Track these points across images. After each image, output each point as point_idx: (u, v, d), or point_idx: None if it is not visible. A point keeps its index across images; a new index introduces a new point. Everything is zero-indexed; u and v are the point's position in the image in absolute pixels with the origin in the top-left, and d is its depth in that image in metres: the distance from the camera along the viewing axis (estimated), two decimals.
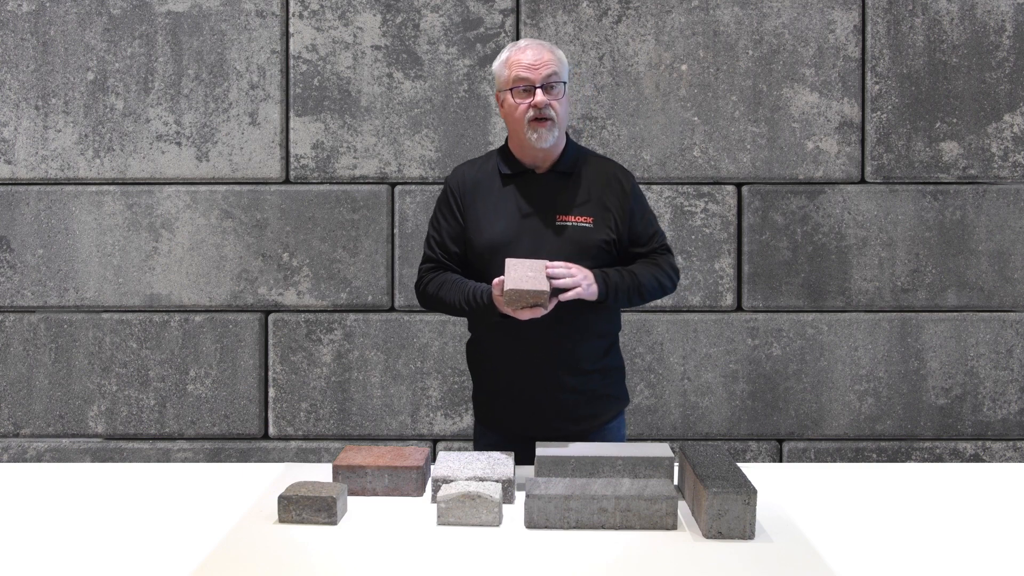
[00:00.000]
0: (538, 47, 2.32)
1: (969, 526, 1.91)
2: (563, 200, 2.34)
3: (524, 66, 2.29)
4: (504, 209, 2.34)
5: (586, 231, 2.32)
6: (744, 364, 3.41)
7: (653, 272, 2.37)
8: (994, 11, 3.36)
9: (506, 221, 2.33)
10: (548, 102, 2.27)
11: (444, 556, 1.72)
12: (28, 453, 3.45)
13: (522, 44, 2.34)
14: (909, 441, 3.43)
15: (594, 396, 2.38)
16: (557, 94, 2.29)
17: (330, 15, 3.39)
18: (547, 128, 2.28)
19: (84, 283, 3.42)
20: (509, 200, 2.35)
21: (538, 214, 2.33)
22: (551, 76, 2.28)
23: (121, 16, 3.39)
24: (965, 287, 3.40)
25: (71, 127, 3.40)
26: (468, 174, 2.42)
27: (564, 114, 2.32)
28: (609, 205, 2.35)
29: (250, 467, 2.34)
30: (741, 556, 1.72)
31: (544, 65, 2.29)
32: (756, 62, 3.38)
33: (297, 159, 3.40)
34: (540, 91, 2.27)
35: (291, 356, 3.42)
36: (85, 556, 1.74)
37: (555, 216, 2.33)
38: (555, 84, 2.29)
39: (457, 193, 2.39)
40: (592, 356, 2.37)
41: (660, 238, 2.43)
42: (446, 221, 2.40)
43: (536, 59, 2.29)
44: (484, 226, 2.34)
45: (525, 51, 2.31)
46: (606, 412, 2.41)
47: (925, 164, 3.39)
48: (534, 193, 2.35)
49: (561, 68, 2.32)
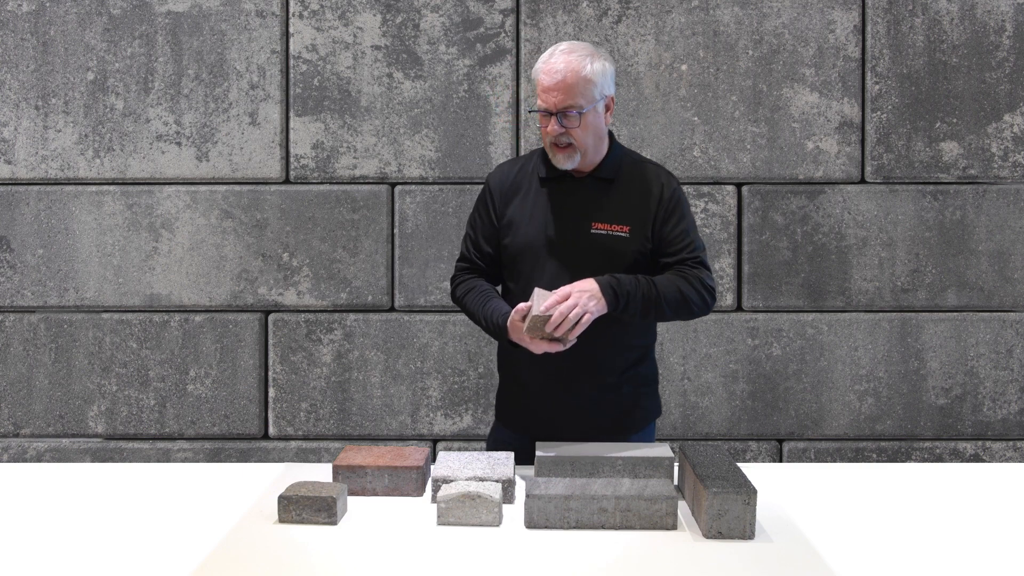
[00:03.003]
0: (563, 67, 2.17)
1: (969, 526, 1.91)
2: (600, 207, 2.26)
3: (544, 87, 2.19)
4: (539, 213, 2.28)
5: (621, 240, 2.24)
6: (744, 364, 3.41)
7: (678, 284, 2.21)
8: (994, 11, 3.36)
9: (539, 225, 2.27)
10: (562, 131, 2.18)
11: (444, 556, 1.72)
12: (28, 453, 3.45)
13: (552, 57, 2.20)
14: (909, 441, 3.43)
15: (624, 406, 2.33)
16: (573, 123, 2.18)
17: (330, 15, 3.39)
18: (565, 154, 2.21)
19: (84, 283, 3.42)
20: (545, 204, 2.28)
21: (573, 220, 2.26)
22: (568, 105, 2.16)
23: (121, 16, 3.39)
24: (965, 287, 3.40)
25: (71, 127, 3.40)
26: (509, 173, 2.36)
27: (592, 134, 2.22)
28: (645, 213, 2.26)
29: (250, 467, 2.35)
30: (741, 556, 1.72)
31: (562, 92, 2.16)
32: (756, 62, 3.38)
33: (297, 159, 3.41)
34: (555, 120, 2.18)
35: (291, 356, 3.42)
36: (85, 556, 1.74)
37: (590, 223, 2.25)
38: (570, 113, 2.17)
39: (496, 192, 2.34)
40: (622, 366, 2.31)
41: (693, 250, 2.26)
42: (481, 220, 2.36)
43: (554, 83, 2.17)
44: (517, 228, 2.29)
45: (549, 71, 2.18)
46: (636, 423, 2.35)
47: (925, 164, 3.39)
48: (571, 198, 2.27)
49: (587, 90, 2.17)
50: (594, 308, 2.09)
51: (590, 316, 2.08)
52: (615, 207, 2.26)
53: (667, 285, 2.20)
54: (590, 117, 2.20)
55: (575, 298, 2.08)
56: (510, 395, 2.40)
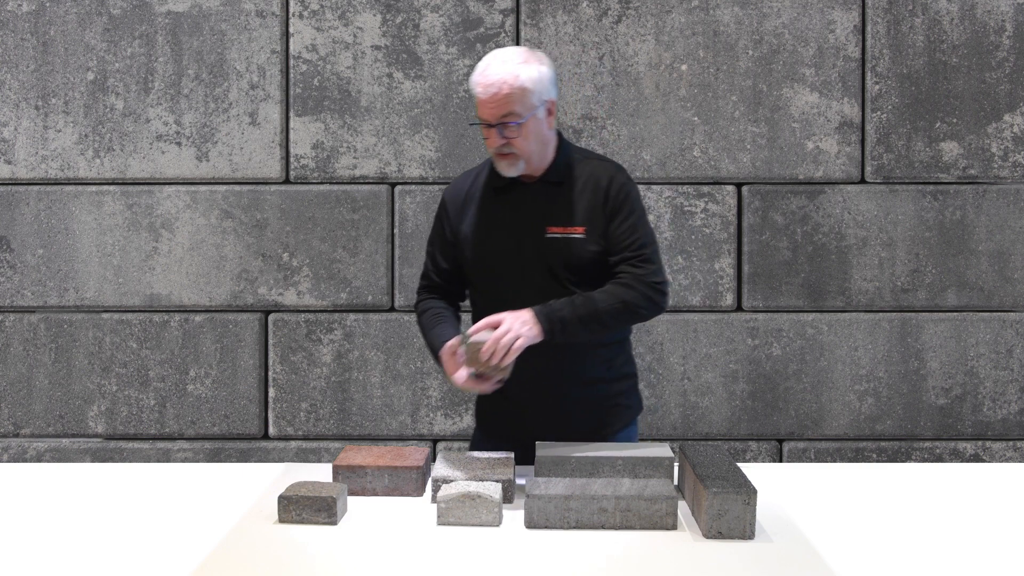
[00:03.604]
0: (497, 78, 2.13)
1: (969, 526, 1.91)
2: (553, 211, 2.23)
3: (481, 101, 2.15)
4: (493, 223, 2.27)
5: (578, 242, 2.21)
6: (744, 364, 3.41)
7: (618, 294, 2.15)
8: (994, 11, 3.36)
9: (495, 236, 2.26)
10: (503, 142, 2.15)
11: (444, 556, 1.72)
12: (28, 453, 3.45)
13: (486, 68, 2.16)
14: (909, 441, 3.43)
15: (602, 405, 2.31)
16: (513, 133, 2.14)
17: (330, 15, 3.39)
18: (508, 162, 2.18)
19: (84, 283, 3.42)
20: (498, 214, 2.27)
21: (527, 227, 2.23)
22: (506, 116, 2.13)
23: (121, 16, 3.39)
24: (965, 287, 3.40)
25: (71, 127, 3.40)
26: (462, 187, 2.34)
27: (535, 141, 2.19)
28: (596, 211, 2.22)
29: (250, 467, 2.35)
30: (741, 556, 1.72)
31: (498, 104, 2.13)
32: (756, 62, 3.38)
33: (297, 159, 3.41)
34: (495, 131, 2.15)
35: (291, 356, 3.42)
36: (85, 556, 1.74)
37: (545, 228, 2.22)
38: (510, 123, 2.13)
39: (450, 207, 2.34)
40: (597, 366, 2.29)
41: (639, 247, 2.20)
42: (438, 236, 2.36)
43: (490, 96, 2.13)
44: (473, 241, 2.28)
45: (483, 82, 2.14)
46: (616, 421, 2.34)
47: (925, 164, 3.39)
48: (523, 205, 2.25)
49: (525, 98, 2.14)
50: (527, 333, 2.04)
51: (524, 341, 2.03)
52: (568, 209, 2.23)
53: (606, 299, 2.14)
54: (530, 125, 2.16)
55: (507, 324, 2.04)
56: (488, 402, 2.37)
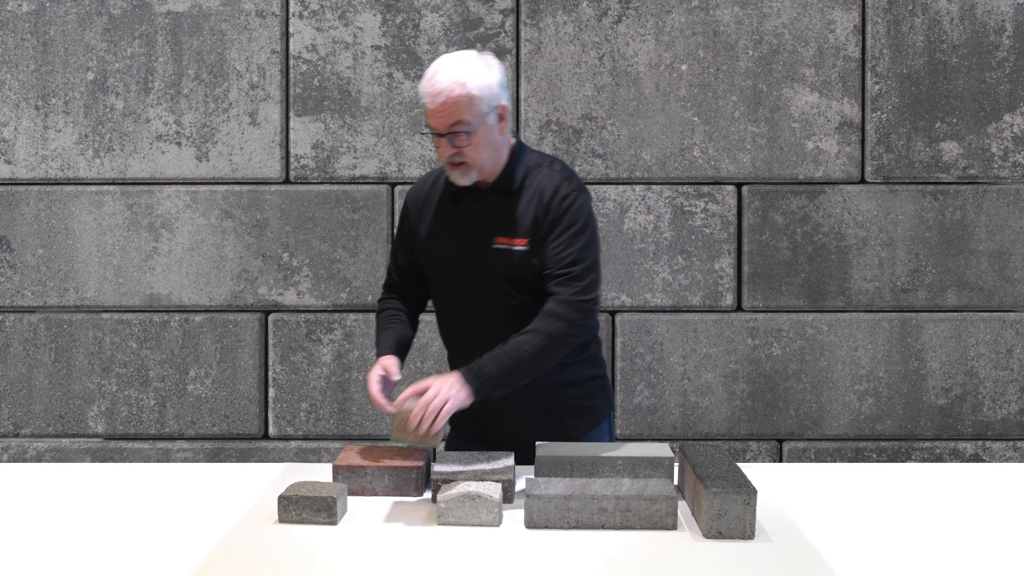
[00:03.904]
0: (444, 86, 2.06)
1: (969, 526, 1.91)
2: (501, 221, 2.17)
3: (429, 110, 2.09)
4: (447, 228, 2.23)
5: (521, 255, 2.15)
6: (744, 364, 3.41)
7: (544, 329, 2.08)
8: (994, 11, 3.36)
9: (447, 241, 2.23)
10: (454, 151, 2.09)
11: (444, 556, 1.72)
12: (28, 453, 3.45)
13: (433, 76, 2.09)
14: (909, 441, 3.43)
15: (567, 409, 2.29)
16: (462, 142, 2.08)
17: (330, 15, 3.39)
18: (460, 171, 2.13)
19: (84, 283, 3.42)
20: (452, 219, 2.23)
21: (476, 235, 2.19)
22: (455, 125, 2.07)
23: (121, 16, 3.39)
24: (965, 287, 3.40)
25: (71, 127, 3.40)
26: (423, 189, 2.31)
27: (487, 148, 2.12)
28: (539, 224, 2.15)
29: (250, 467, 2.35)
30: (741, 556, 1.72)
31: (447, 113, 2.06)
32: (756, 62, 3.38)
33: (297, 159, 3.41)
34: (445, 140, 2.08)
35: (291, 356, 3.42)
36: (85, 556, 1.74)
37: (493, 238, 2.17)
38: (460, 132, 2.07)
39: (411, 207, 2.31)
40: (559, 371, 2.22)
41: (569, 263, 2.12)
42: (401, 236, 2.35)
43: (438, 105, 2.06)
44: (428, 244, 2.27)
45: (430, 92, 2.07)
46: (583, 423, 2.32)
47: (925, 164, 3.39)
48: (475, 213, 2.20)
49: (473, 106, 2.07)
50: (455, 396, 1.99)
51: (453, 404, 1.98)
52: (515, 220, 2.16)
53: (530, 341, 2.07)
54: (481, 132, 2.09)
55: (434, 388, 1.99)
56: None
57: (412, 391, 2.01)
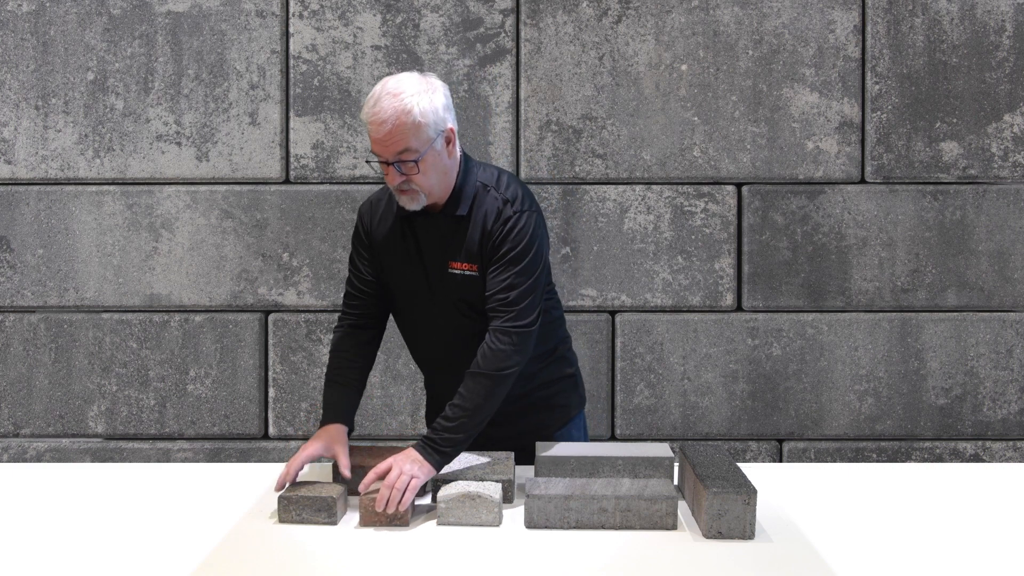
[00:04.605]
0: (388, 115, 2.00)
1: (969, 526, 1.91)
2: (453, 245, 2.14)
3: (374, 139, 2.03)
4: (402, 252, 2.19)
5: (474, 280, 2.13)
6: (744, 364, 3.41)
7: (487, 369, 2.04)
8: (994, 11, 3.36)
9: (404, 265, 2.19)
10: (402, 178, 2.04)
11: (444, 556, 1.72)
12: (28, 453, 3.45)
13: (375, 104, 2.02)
14: (909, 441, 3.43)
15: (539, 408, 2.30)
16: (411, 170, 2.03)
17: (330, 15, 3.39)
18: (408, 197, 2.07)
19: (84, 283, 3.42)
20: (407, 242, 2.19)
21: (431, 261, 2.16)
22: (402, 153, 2.01)
23: (121, 16, 3.39)
24: (965, 287, 3.40)
25: (71, 127, 3.40)
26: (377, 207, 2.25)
27: (435, 174, 2.07)
28: (484, 249, 2.12)
29: (250, 467, 2.35)
30: (741, 556, 1.72)
31: (393, 142, 2.01)
32: (756, 62, 3.38)
33: (297, 159, 3.41)
34: (392, 168, 2.03)
35: (291, 356, 3.42)
36: (85, 556, 1.74)
37: (447, 263, 2.15)
38: (407, 160, 2.01)
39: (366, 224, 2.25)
40: (528, 380, 2.23)
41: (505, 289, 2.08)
42: (357, 252, 2.27)
43: (384, 135, 2.01)
44: (389, 271, 2.22)
45: (374, 120, 2.01)
46: (555, 421, 2.34)
47: (925, 164, 3.39)
48: (428, 237, 2.16)
49: (419, 132, 2.01)
50: (419, 472, 1.94)
51: (417, 481, 1.93)
52: (465, 244, 2.13)
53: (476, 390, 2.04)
54: (429, 159, 2.04)
55: (396, 468, 1.94)
56: (434, 411, 2.34)
57: (374, 475, 1.95)
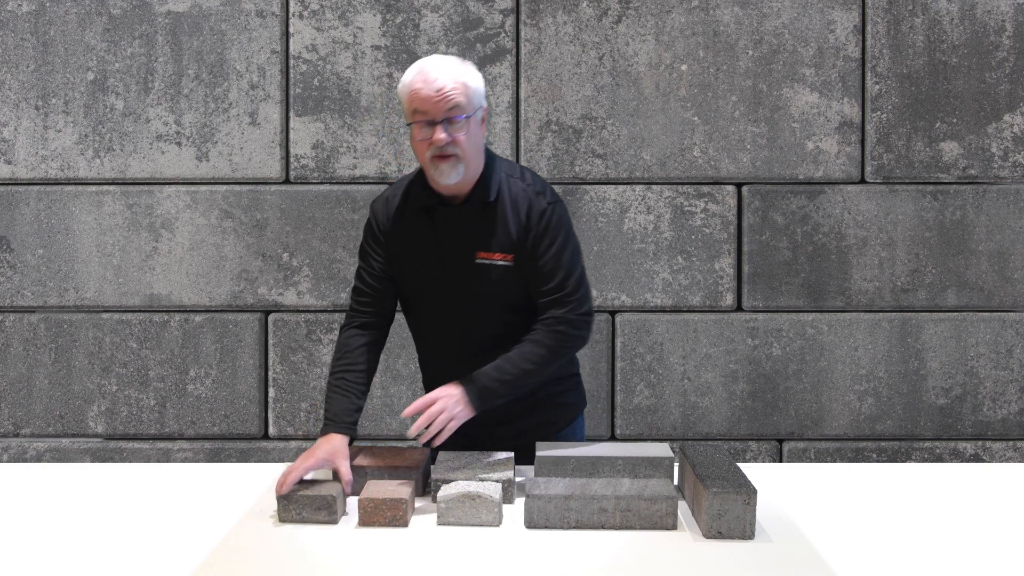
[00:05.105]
0: (439, 73, 2.03)
1: (969, 526, 1.91)
2: (482, 235, 2.12)
3: (422, 97, 2.03)
4: (423, 244, 2.17)
5: (506, 271, 2.12)
6: (744, 364, 3.41)
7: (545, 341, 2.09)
8: (994, 11, 3.36)
9: (424, 258, 2.16)
10: (449, 139, 2.03)
11: (444, 556, 1.72)
12: (28, 453, 3.45)
13: (423, 67, 2.06)
14: (909, 441, 3.43)
15: (545, 406, 2.30)
16: (459, 128, 2.04)
17: (330, 15, 3.39)
18: (450, 164, 2.06)
19: (84, 283, 3.42)
20: (428, 234, 2.16)
21: (457, 250, 2.13)
22: (452, 109, 2.02)
23: (121, 16, 3.39)
24: (965, 287, 3.40)
25: (71, 127, 3.40)
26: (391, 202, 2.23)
27: (473, 145, 2.07)
28: (522, 240, 2.11)
29: (250, 467, 2.35)
30: (741, 556, 1.72)
31: (444, 98, 2.02)
32: (756, 62, 3.38)
33: (297, 159, 3.41)
34: (440, 127, 2.03)
35: (291, 356, 3.42)
36: (85, 556, 1.74)
37: (475, 253, 2.12)
38: (457, 118, 2.03)
39: (381, 221, 2.23)
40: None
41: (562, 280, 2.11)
42: (371, 249, 2.25)
43: (435, 91, 2.02)
44: (403, 262, 2.20)
45: (424, 79, 2.04)
46: (560, 419, 2.34)
47: (925, 164, 3.39)
48: (452, 228, 2.14)
49: (468, 95, 2.05)
50: (460, 415, 2.01)
51: (456, 423, 2.00)
52: (497, 234, 2.12)
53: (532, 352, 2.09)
54: (472, 126, 2.07)
55: (441, 403, 2.00)
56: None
57: (423, 403, 2.02)
